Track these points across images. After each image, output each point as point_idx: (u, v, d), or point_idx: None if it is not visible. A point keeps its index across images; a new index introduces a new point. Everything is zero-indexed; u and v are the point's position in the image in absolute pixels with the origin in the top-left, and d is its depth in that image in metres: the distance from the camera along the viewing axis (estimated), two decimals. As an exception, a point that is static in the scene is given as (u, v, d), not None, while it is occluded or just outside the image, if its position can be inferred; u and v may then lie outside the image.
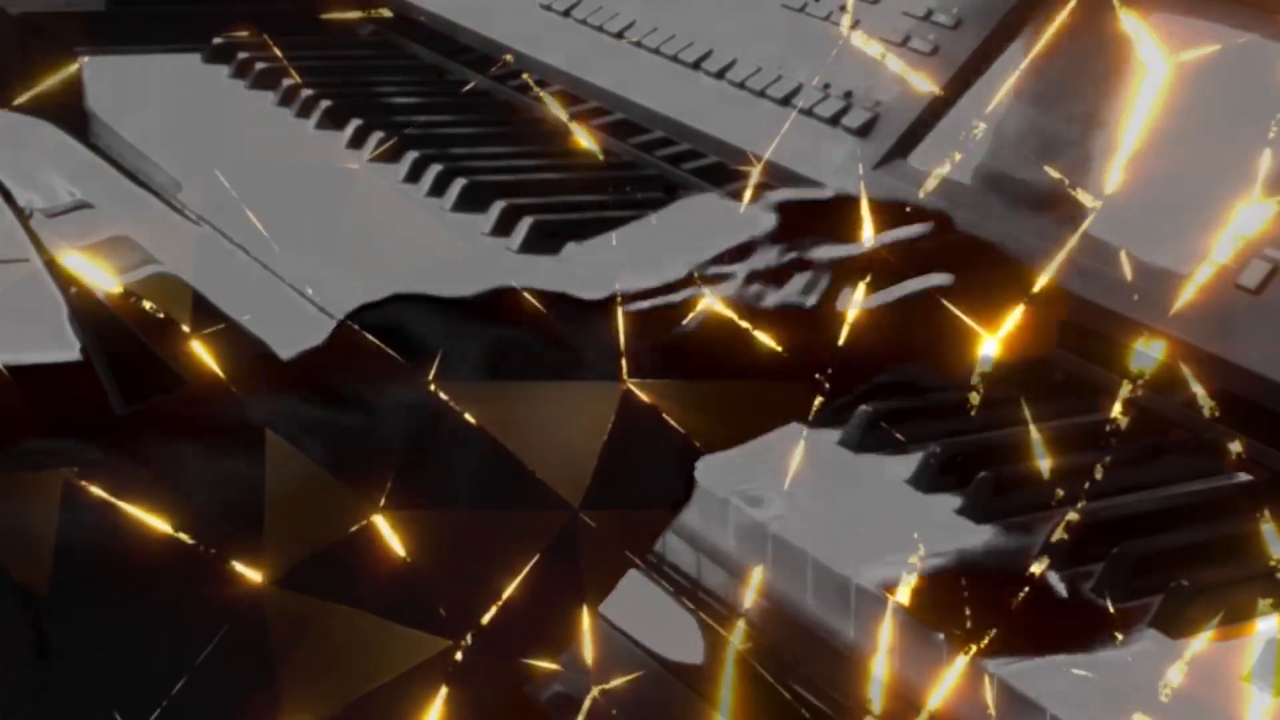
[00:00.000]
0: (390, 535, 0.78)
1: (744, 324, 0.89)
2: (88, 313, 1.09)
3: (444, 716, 0.79)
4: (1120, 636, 0.90)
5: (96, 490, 0.74)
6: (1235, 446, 1.07)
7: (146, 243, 1.39)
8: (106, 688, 0.73)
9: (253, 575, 0.74)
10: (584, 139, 1.50)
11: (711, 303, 0.89)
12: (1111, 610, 0.92)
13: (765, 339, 0.89)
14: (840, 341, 0.91)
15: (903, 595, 0.93)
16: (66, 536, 0.73)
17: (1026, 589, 0.93)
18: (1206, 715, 0.86)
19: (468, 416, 0.81)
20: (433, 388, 0.81)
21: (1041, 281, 0.98)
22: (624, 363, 0.85)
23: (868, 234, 0.95)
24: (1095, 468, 1.02)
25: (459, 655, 0.79)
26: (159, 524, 0.74)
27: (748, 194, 0.96)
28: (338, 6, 1.98)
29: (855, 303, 0.92)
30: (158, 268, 1.33)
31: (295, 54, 1.78)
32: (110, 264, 1.29)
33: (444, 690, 0.79)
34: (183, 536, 0.74)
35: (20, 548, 0.73)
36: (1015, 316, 0.96)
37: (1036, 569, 0.95)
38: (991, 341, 0.95)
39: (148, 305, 1.10)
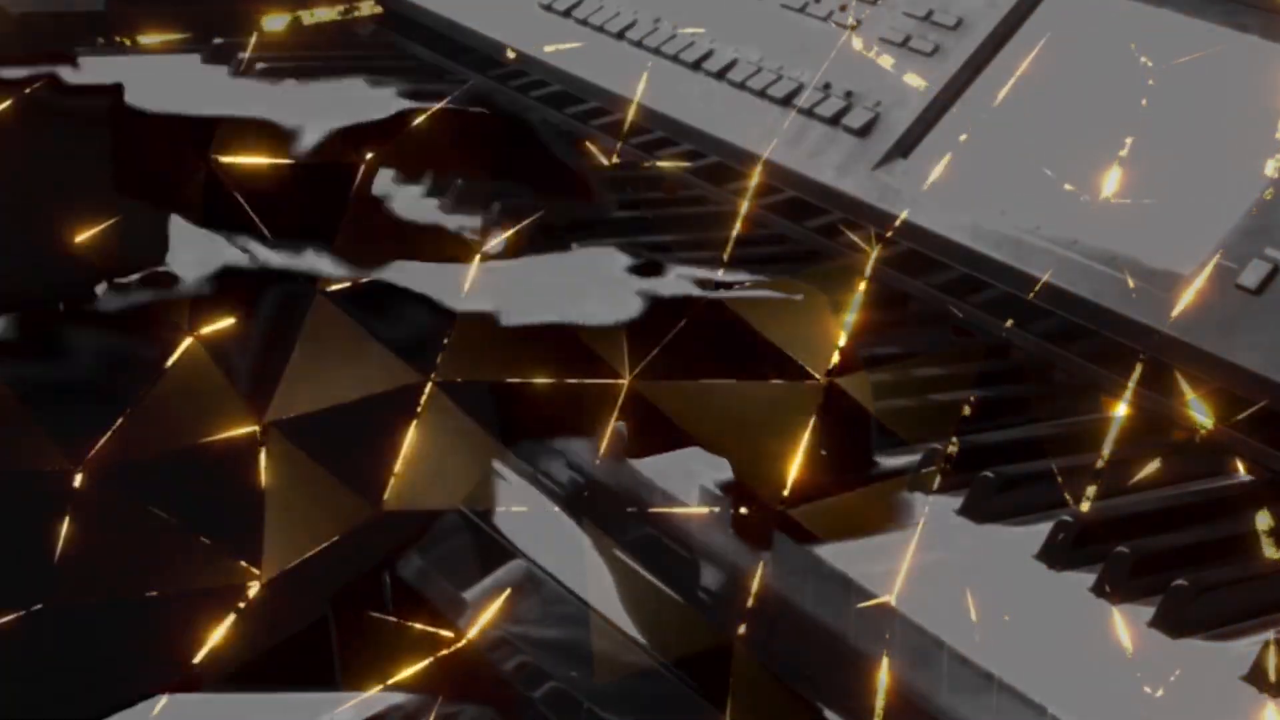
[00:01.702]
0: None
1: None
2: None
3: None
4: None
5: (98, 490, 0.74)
6: (1235, 446, 1.07)
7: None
8: (105, 685, 0.73)
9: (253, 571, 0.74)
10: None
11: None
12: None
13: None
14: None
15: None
16: (69, 535, 0.73)
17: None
18: (1206, 715, 0.86)
19: None
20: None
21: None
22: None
23: None
24: (1095, 468, 1.02)
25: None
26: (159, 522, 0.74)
27: None
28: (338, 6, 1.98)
29: None
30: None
31: (295, 54, 1.77)
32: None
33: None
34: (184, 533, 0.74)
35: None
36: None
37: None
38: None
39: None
